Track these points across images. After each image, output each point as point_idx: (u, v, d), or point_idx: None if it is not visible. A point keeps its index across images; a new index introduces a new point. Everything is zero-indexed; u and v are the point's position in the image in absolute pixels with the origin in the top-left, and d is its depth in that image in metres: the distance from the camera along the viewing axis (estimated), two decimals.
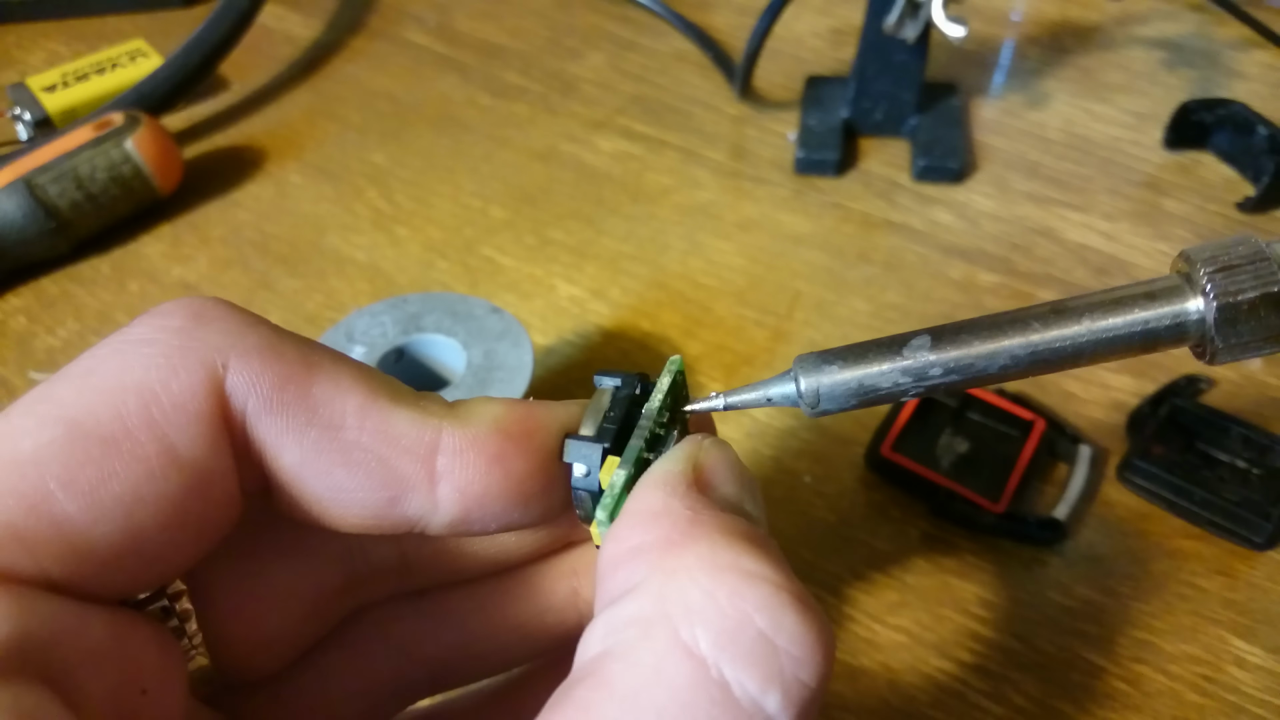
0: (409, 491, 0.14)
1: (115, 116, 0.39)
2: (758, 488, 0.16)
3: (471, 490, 0.15)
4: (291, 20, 0.51)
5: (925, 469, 0.29)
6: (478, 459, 0.15)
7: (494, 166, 0.42)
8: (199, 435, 0.13)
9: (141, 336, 0.14)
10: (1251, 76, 0.46)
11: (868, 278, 0.37)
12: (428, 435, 0.14)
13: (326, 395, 0.14)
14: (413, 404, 0.15)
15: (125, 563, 0.13)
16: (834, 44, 0.49)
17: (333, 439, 0.14)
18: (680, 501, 0.14)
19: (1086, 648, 0.26)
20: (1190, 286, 0.14)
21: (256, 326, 0.14)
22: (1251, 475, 0.29)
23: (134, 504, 0.13)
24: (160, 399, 0.13)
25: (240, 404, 0.14)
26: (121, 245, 0.39)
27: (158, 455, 0.13)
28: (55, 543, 0.13)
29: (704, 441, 0.15)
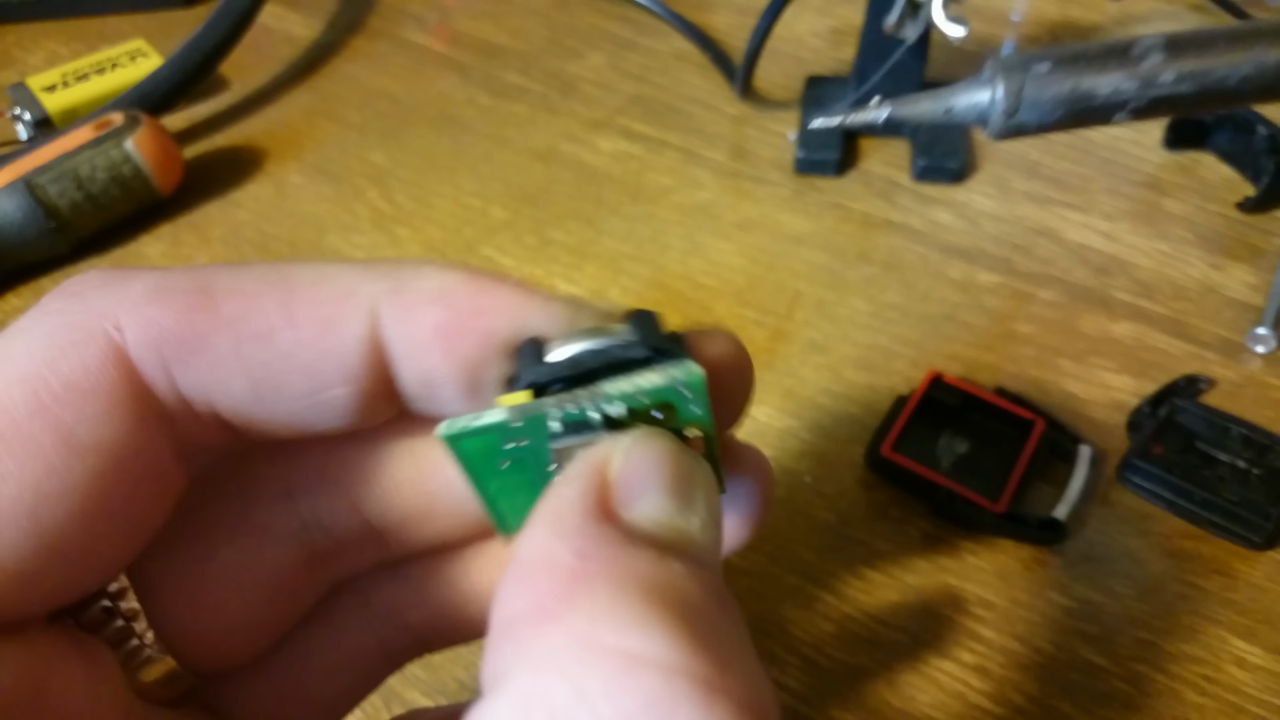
0: (372, 376, 0.13)
1: (115, 116, 0.39)
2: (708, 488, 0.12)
3: (418, 369, 0.13)
4: (291, 20, 0.51)
5: (925, 469, 0.29)
6: (418, 335, 0.13)
7: (494, 166, 0.42)
8: (101, 413, 0.12)
9: (22, 324, 0.13)
10: None
11: (868, 277, 0.37)
12: (363, 314, 0.13)
13: (238, 310, 0.12)
14: (336, 280, 0.13)
15: (44, 571, 0.12)
16: (834, 44, 0.49)
17: (269, 348, 0.13)
18: (566, 543, 0.11)
19: (1086, 648, 0.26)
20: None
21: (137, 275, 0.13)
22: (1251, 475, 0.29)
23: (37, 503, 0.12)
24: (49, 383, 0.12)
25: (151, 360, 0.12)
26: (121, 245, 0.39)
27: (55, 445, 0.12)
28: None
29: (626, 439, 0.12)
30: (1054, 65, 0.12)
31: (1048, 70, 0.12)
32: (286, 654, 0.16)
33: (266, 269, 0.13)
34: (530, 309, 0.13)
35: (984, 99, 0.12)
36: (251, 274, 0.13)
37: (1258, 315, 0.35)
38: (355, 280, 0.13)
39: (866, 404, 0.32)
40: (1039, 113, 0.13)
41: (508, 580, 0.11)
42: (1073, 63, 0.12)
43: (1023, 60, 0.12)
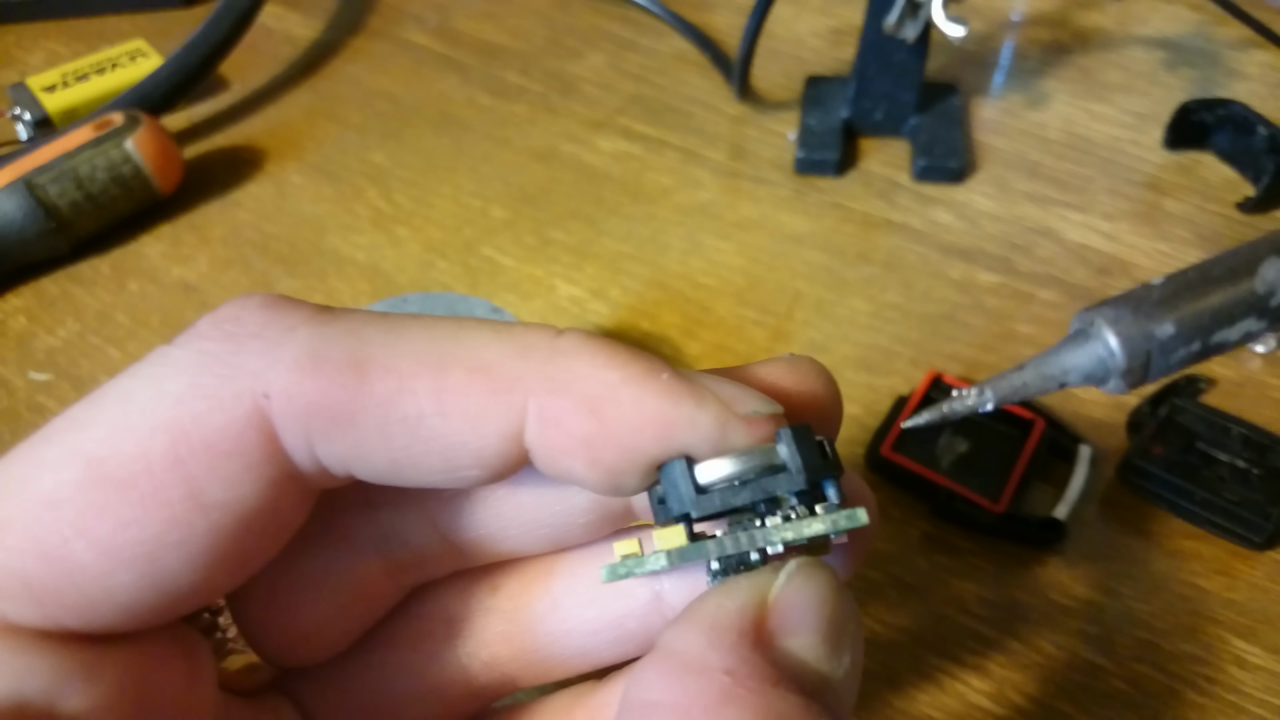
0: (504, 463, 0.13)
1: (115, 116, 0.39)
2: (856, 634, 0.12)
3: (554, 467, 0.13)
4: (291, 20, 0.51)
5: (925, 469, 0.29)
6: (563, 444, 0.13)
7: (494, 166, 0.42)
8: (234, 476, 0.12)
9: (178, 361, 0.13)
10: (1252, 77, 0.46)
11: (868, 278, 0.37)
12: (514, 412, 0.13)
13: (389, 393, 0.12)
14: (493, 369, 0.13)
15: (151, 604, 0.12)
16: (834, 44, 0.49)
17: (413, 433, 0.13)
18: (720, 656, 0.11)
19: (1087, 648, 0.26)
20: None
21: (295, 330, 0.13)
22: (1251, 475, 0.29)
23: (156, 551, 0.12)
24: (190, 438, 0.12)
25: (295, 431, 0.12)
26: (121, 245, 0.39)
27: (182, 500, 0.12)
28: (68, 592, 0.12)
29: (791, 567, 0.12)
30: (1177, 328, 0.11)
31: (1172, 334, 0.11)
32: (375, 671, 0.16)
33: (423, 340, 0.13)
34: (680, 424, 0.12)
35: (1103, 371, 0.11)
36: (409, 347, 0.13)
37: None
38: (512, 371, 0.13)
39: (866, 404, 0.32)
40: (1163, 372, 0.12)
41: (655, 664, 0.11)
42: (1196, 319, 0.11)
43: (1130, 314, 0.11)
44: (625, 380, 0.13)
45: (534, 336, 0.13)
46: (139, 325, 0.36)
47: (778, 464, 0.13)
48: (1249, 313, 0.11)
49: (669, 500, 0.13)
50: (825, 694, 0.11)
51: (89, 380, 0.33)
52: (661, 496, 0.13)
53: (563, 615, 0.16)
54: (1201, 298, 0.11)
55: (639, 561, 0.13)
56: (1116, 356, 0.11)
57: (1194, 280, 0.11)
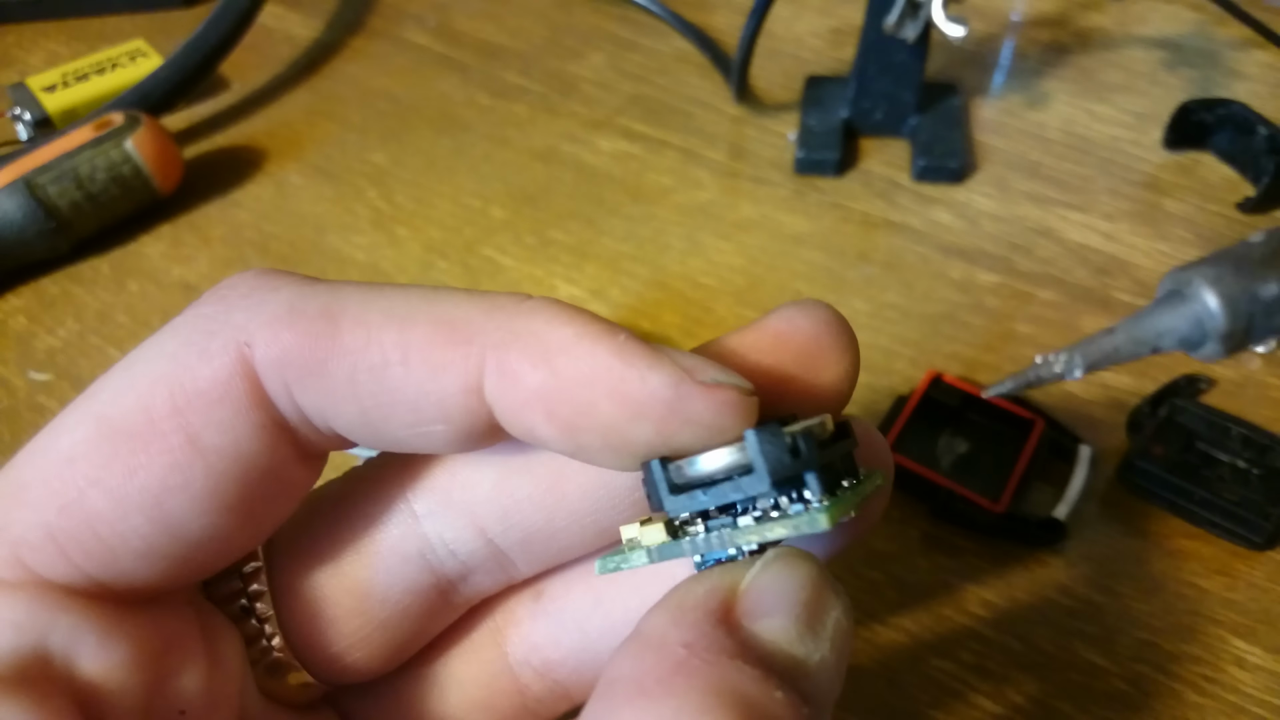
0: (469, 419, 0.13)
1: (115, 116, 0.39)
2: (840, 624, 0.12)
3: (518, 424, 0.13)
4: (291, 20, 0.51)
5: (925, 469, 0.29)
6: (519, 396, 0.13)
7: (494, 166, 0.42)
8: (226, 421, 0.13)
9: (176, 324, 0.14)
10: (1252, 76, 0.46)
11: (867, 278, 0.37)
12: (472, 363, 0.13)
13: (358, 342, 0.13)
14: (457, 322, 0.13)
15: (167, 553, 0.13)
16: (834, 44, 0.49)
17: (379, 381, 0.13)
18: (680, 632, 0.11)
19: (1087, 647, 0.26)
20: None
21: (279, 290, 0.14)
22: (1251, 475, 0.29)
23: (162, 495, 0.13)
24: (185, 387, 0.13)
25: (275, 377, 0.13)
26: (121, 245, 0.39)
27: (181, 446, 0.13)
28: (88, 540, 0.13)
29: (769, 556, 0.13)
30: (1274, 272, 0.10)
31: (1276, 294, 0.10)
32: (425, 683, 0.17)
33: (396, 298, 0.13)
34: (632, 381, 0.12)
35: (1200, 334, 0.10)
36: (379, 303, 0.13)
37: None
38: (473, 325, 0.13)
39: (866, 404, 0.32)
40: (1265, 334, 0.11)
41: (623, 644, 0.12)
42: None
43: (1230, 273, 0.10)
44: (580, 335, 0.13)
45: (503, 298, 0.13)
46: (139, 325, 0.36)
47: (745, 477, 0.12)
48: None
49: (650, 497, 0.13)
50: (797, 677, 0.11)
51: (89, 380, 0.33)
52: (647, 492, 0.13)
53: (608, 609, 0.16)
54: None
55: (624, 557, 0.13)
56: (1217, 318, 0.10)
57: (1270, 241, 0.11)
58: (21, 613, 0.12)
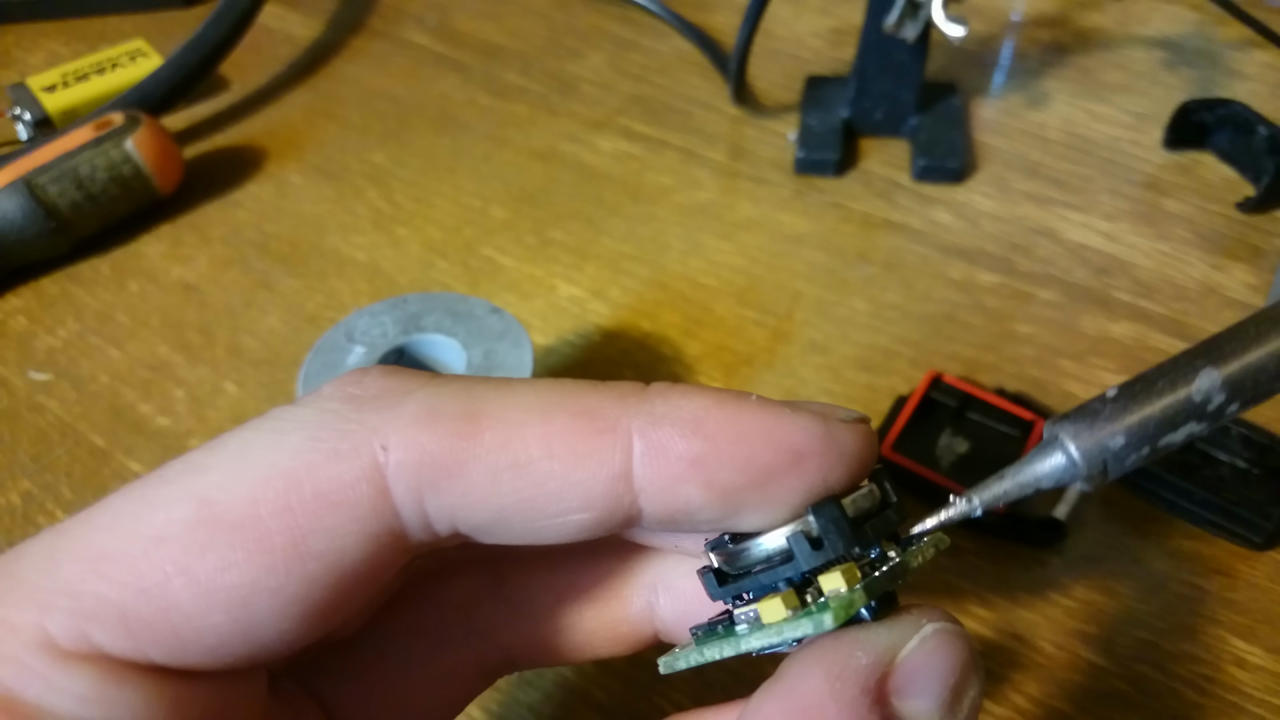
0: (613, 505, 0.13)
1: (115, 116, 0.39)
2: (975, 701, 0.13)
3: (669, 500, 0.13)
4: (291, 20, 0.51)
5: (925, 469, 0.29)
6: (673, 469, 0.13)
7: (494, 166, 0.42)
8: (340, 528, 0.13)
9: (300, 415, 0.13)
10: (1251, 76, 0.46)
11: (868, 278, 0.37)
12: (619, 450, 0.13)
13: (500, 440, 0.13)
14: (595, 412, 0.13)
15: (237, 648, 0.13)
16: (834, 44, 0.49)
17: (523, 477, 0.13)
18: (837, 709, 0.12)
19: (1086, 648, 0.26)
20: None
21: (413, 393, 0.13)
22: (1252, 475, 0.29)
23: (251, 596, 0.12)
24: (303, 487, 0.12)
25: (407, 483, 0.13)
26: (121, 245, 0.39)
27: (285, 548, 0.12)
28: (161, 628, 0.12)
29: (926, 627, 0.13)
30: (1126, 438, 0.13)
31: (1123, 444, 0.13)
32: (391, 660, 0.17)
33: (531, 393, 0.13)
34: (783, 428, 0.13)
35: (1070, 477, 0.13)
36: (519, 400, 0.13)
37: None
38: (613, 411, 0.13)
39: (866, 404, 0.32)
40: (1119, 474, 0.13)
41: (776, 696, 0.12)
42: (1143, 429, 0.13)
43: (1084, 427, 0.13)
44: (720, 402, 0.13)
45: (628, 386, 0.14)
46: (139, 325, 0.36)
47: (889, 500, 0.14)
48: (1189, 418, 0.13)
49: (829, 540, 0.13)
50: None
51: (89, 380, 0.34)
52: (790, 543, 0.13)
53: (564, 610, 0.17)
54: (1146, 408, 0.13)
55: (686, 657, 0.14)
56: (1079, 466, 0.13)
57: (1139, 392, 0.13)
58: (88, 687, 0.12)
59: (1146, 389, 0.13)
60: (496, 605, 0.17)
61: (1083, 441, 0.13)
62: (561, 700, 0.25)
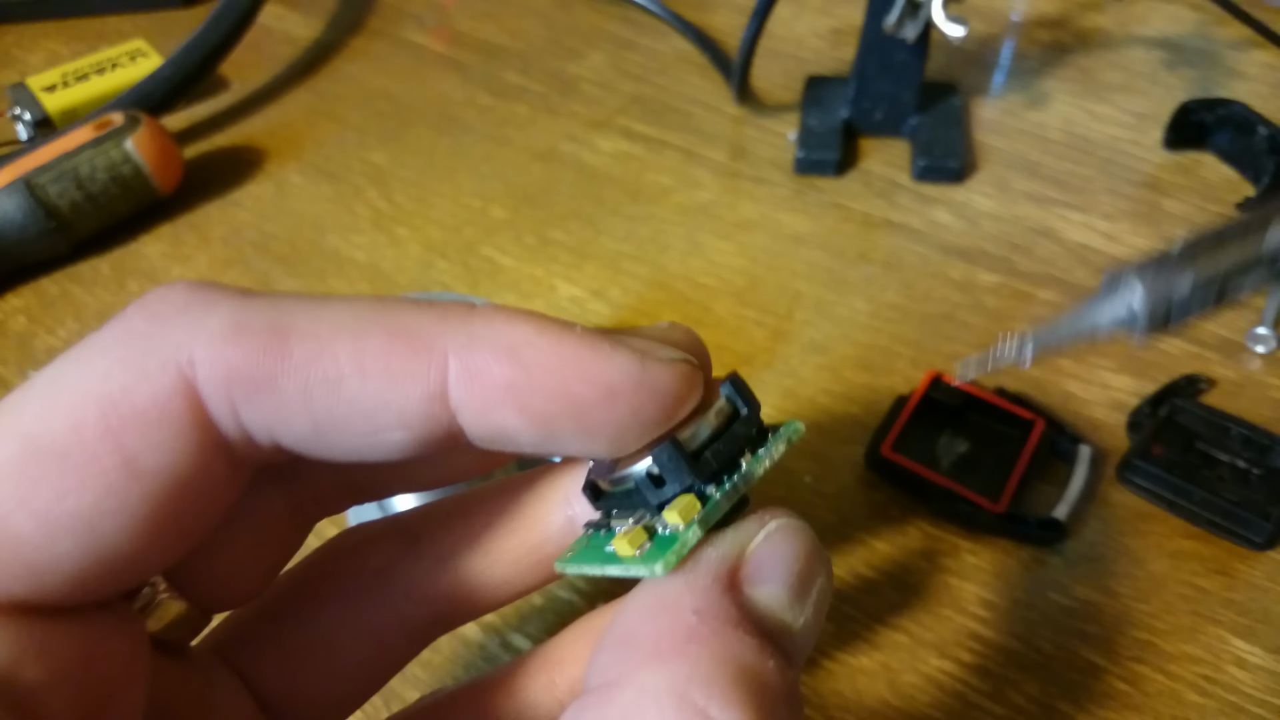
0: (431, 424, 0.13)
1: (115, 116, 0.39)
2: (823, 589, 0.14)
3: (487, 423, 0.13)
4: (291, 20, 0.51)
5: (925, 469, 0.29)
6: (487, 393, 0.13)
7: (494, 166, 0.42)
8: (164, 442, 0.13)
9: (105, 341, 0.13)
10: (1252, 76, 0.46)
11: (868, 277, 0.37)
12: (433, 370, 0.13)
13: (309, 355, 0.13)
14: (412, 330, 0.13)
15: (95, 574, 0.13)
16: (834, 44, 0.49)
17: (334, 394, 0.13)
18: (692, 597, 0.12)
19: (1086, 648, 0.26)
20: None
21: (217, 305, 0.13)
22: (1252, 475, 0.29)
23: (94, 519, 0.12)
24: (120, 408, 0.13)
25: (219, 397, 0.13)
26: (121, 245, 0.39)
27: (116, 468, 0.12)
28: (13, 564, 0.12)
29: (770, 523, 0.14)
30: (1194, 281, 0.13)
31: (1190, 288, 0.13)
32: (310, 626, 0.17)
33: (347, 309, 0.13)
34: (600, 361, 0.13)
35: (1131, 318, 0.13)
36: (329, 315, 0.13)
37: (1257, 315, 0.35)
38: (431, 331, 0.13)
39: (866, 404, 0.32)
40: (1183, 317, 0.13)
41: (637, 599, 0.13)
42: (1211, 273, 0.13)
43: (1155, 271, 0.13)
44: (540, 331, 0.13)
45: (452, 306, 0.14)
46: None
47: (737, 412, 0.14)
48: (1258, 266, 0.13)
49: (669, 478, 0.14)
50: (784, 639, 0.13)
51: None
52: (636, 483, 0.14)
53: (483, 550, 0.17)
54: (1217, 256, 0.13)
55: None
56: (1142, 303, 0.13)
57: (1210, 241, 0.13)
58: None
59: (1216, 240, 0.13)
60: (414, 564, 0.17)
61: (1150, 283, 0.13)
62: None
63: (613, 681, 0.12)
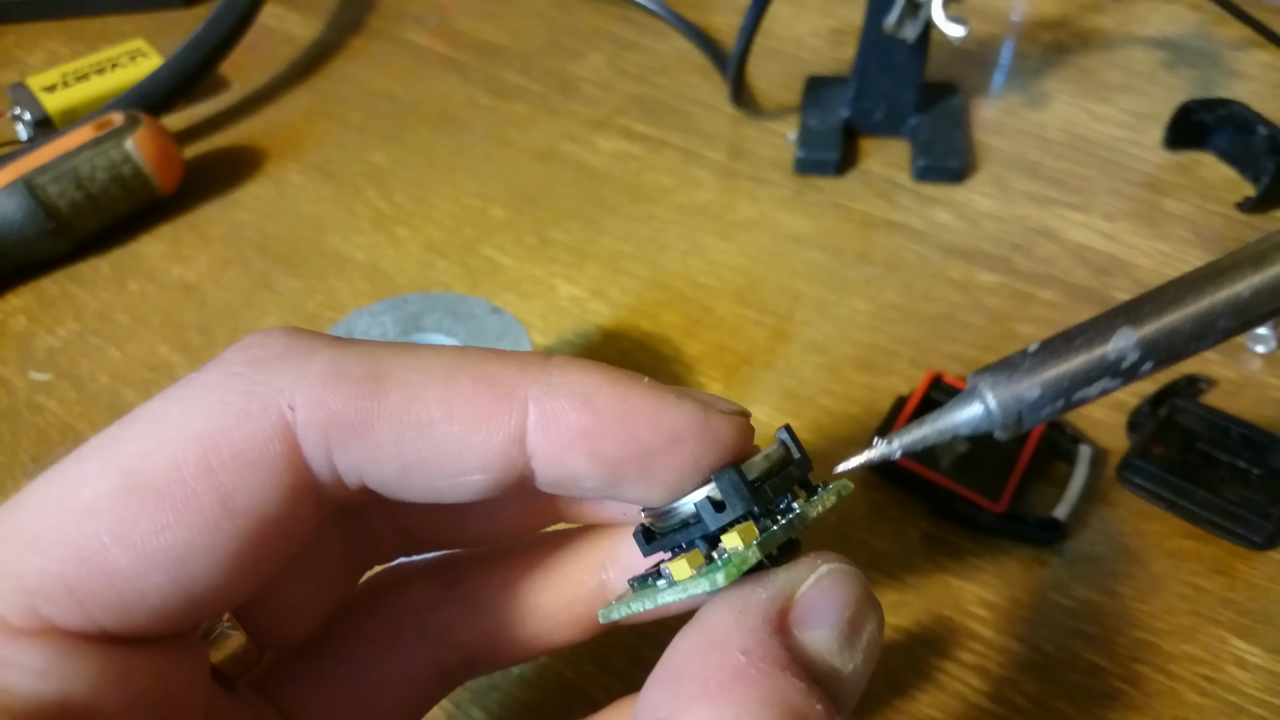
0: (508, 467, 0.14)
1: (115, 116, 0.39)
2: (873, 636, 0.14)
3: (558, 467, 0.14)
4: (291, 20, 0.51)
5: (925, 469, 0.29)
6: (563, 437, 0.14)
7: (494, 166, 0.42)
8: (260, 483, 0.13)
9: (207, 382, 0.14)
10: (1251, 76, 0.46)
11: (868, 278, 0.37)
12: (514, 416, 0.14)
13: (403, 401, 0.14)
14: (496, 379, 0.14)
15: (180, 607, 0.13)
16: (834, 44, 0.49)
17: (425, 437, 0.14)
18: (741, 637, 0.12)
19: (1087, 648, 0.26)
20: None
21: (317, 353, 0.14)
22: (1252, 475, 0.29)
23: (187, 555, 0.13)
24: (220, 448, 0.13)
25: (315, 440, 0.13)
26: (121, 245, 0.39)
27: (212, 506, 0.13)
28: (106, 595, 0.13)
29: (821, 567, 0.14)
30: (1042, 391, 0.14)
31: (1038, 395, 0.14)
32: (348, 663, 0.17)
33: (435, 359, 0.14)
34: (668, 411, 0.14)
35: (988, 425, 0.14)
36: (422, 363, 0.14)
37: None
38: (512, 379, 0.14)
39: (867, 404, 0.32)
40: (1034, 424, 0.14)
41: (687, 637, 0.13)
42: (1058, 383, 0.14)
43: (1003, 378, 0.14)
44: (613, 380, 0.14)
45: (530, 356, 0.15)
46: (139, 325, 0.36)
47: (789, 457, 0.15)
48: (1103, 375, 0.14)
49: (729, 501, 0.14)
50: (832, 684, 0.13)
51: (89, 380, 0.33)
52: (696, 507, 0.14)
53: (518, 602, 0.18)
54: (1063, 363, 0.14)
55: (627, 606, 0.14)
56: (995, 415, 0.14)
57: (1058, 348, 0.14)
58: (43, 661, 0.13)
59: (1065, 345, 0.14)
60: (451, 607, 0.18)
61: (1000, 392, 0.14)
62: (561, 700, 0.25)
63: (663, 715, 0.12)
